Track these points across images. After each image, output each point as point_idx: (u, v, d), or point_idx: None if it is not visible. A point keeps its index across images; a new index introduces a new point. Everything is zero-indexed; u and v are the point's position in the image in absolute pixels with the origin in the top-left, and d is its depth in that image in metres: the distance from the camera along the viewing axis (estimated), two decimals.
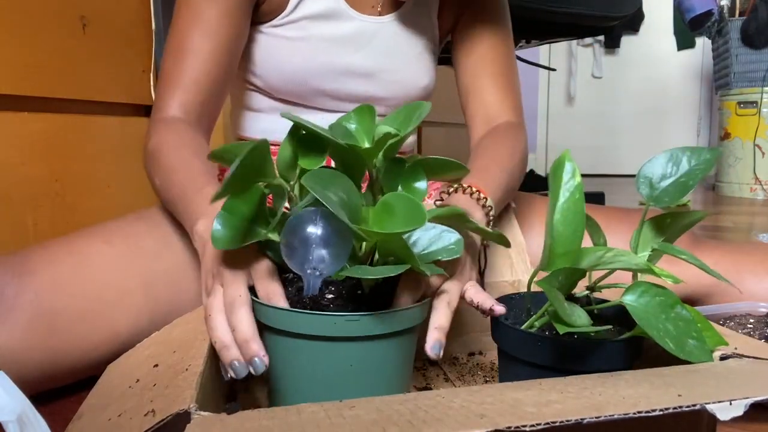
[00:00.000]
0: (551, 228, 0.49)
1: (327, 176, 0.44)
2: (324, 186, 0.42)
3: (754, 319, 0.71)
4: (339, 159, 0.50)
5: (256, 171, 0.46)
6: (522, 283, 0.71)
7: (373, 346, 0.46)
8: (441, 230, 0.51)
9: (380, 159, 0.50)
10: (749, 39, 2.78)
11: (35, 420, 0.33)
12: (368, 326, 0.45)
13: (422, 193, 0.50)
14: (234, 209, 0.48)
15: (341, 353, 0.46)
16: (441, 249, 0.50)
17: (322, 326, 0.45)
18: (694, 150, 0.52)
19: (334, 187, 0.43)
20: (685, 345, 0.44)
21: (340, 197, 0.43)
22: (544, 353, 0.47)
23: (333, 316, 0.45)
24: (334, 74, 0.83)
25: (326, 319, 0.45)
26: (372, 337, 0.46)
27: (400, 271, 0.44)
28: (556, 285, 0.46)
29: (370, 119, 0.51)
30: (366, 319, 0.45)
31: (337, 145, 0.47)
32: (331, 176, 0.45)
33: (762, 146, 2.77)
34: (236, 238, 0.48)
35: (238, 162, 0.42)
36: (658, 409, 0.33)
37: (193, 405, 0.38)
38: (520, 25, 1.59)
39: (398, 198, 0.45)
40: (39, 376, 0.60)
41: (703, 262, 0.48)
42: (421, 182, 0.51)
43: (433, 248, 0.50)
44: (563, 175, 0.50)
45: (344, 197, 0.43)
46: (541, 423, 0.31)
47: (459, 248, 0.50)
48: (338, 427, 0.33)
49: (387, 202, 0.45)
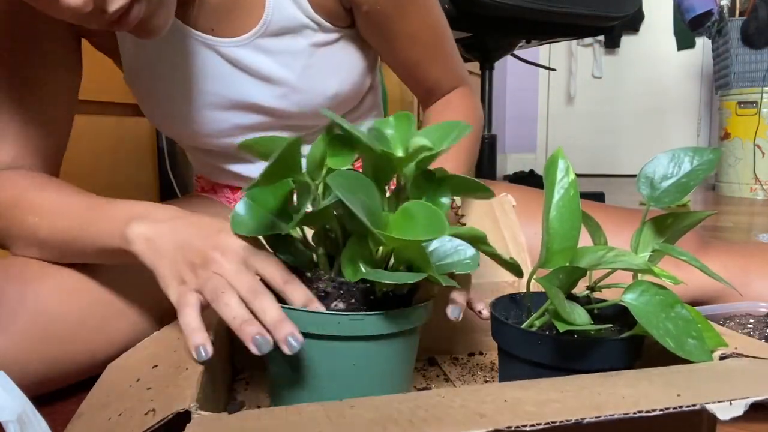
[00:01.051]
0: (547, 225, 0.49)
1: (352, 178, 0.44)
2: (348, 187, 0.42)
3: (754, 319, 0.71)
4: (369, 163, 0.49)
5: (290, 166, 0.46)
6: (522, 283, 0.71)
7: (376, 346, 0.46)
8: (458, 244, 0.51)
9: (411, 168, 0.49)
10: (749, 39, 2.77)
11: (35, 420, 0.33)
12: (372, 326, 0.45)
13: (446, 208, 0.50)
14: (260, 199, 0.48)
15: (344, 352, 0.46)
16: (456, 262, 0.50)
17: (326, 325, 0.45)
18: (697, 150, 0.52)
19: (358, 189, 0.43)
20: (685, 344, 0.44)
21: (362, 200, 0.42)
22: (544, 352, 0.47)
23: (337, 315, 0.45)
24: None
25: (330, 318, 0.45)
26: (375, 337, 0.46)
27: (419, 278, 0.44)
28: (557, 283, 0.46)
29: (408, 127, 0.50)
30: (370, 319, 0.45)
31: (371, 150, 0.46)
32: (356, 179, 0.44)
33: (762, 146, 2.77)
34: (259, 227, 0.48)
35: (278, 155, 0.42)
36: (658, 408, 0.33)
37: (193, 404, 0.38)
38: (520, 25, 1.60)
39: (420, 206, 0.44)
40: (36, 382, 0.59)
41: (703, 264, 0.48)
42: (446, 197, 0.50)
43: (449, 261, 0.50)
44: (557, 172, 0.50)
45: (366, 200, 0.43)
46: (542, 423, 0.31)
47: (474, 263, 0.50)
48: (339, 426, 0.33)
49: (408, 210, 0.44)
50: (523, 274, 0.55)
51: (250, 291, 0.46)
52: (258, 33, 0.71)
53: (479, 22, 1.54)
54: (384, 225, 0.44)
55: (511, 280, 0.72)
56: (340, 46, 0.75)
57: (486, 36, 1.70)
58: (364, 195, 0.43)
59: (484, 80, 1.86)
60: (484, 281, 0.70)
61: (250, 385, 0.61)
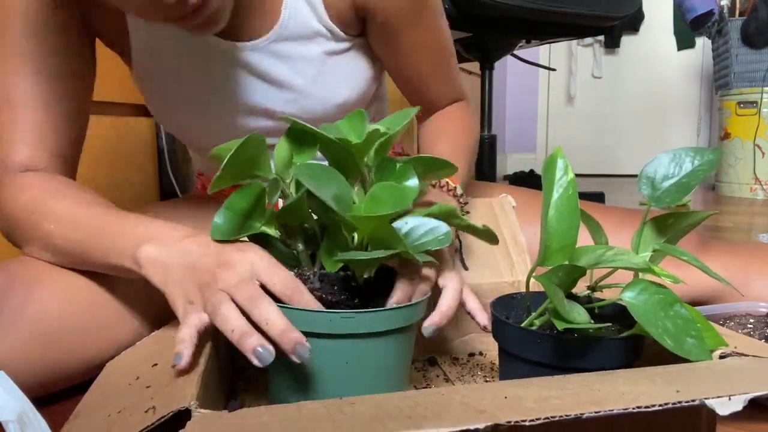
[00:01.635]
0: (546, 224, 0.49)
1: (318, 169, 0.46)
2: (315, 177, 0.45)
3: (754, 319, 0.71)
4: (332, 157, 0.51)
5: (250, 164, 0.48)
6: (522, 283, 0.71)
7: (368, 343, 0.47)
8: (432, 224, 0.52)
9: (371, 157, 0.51)
10: (749, 39, 2.77)
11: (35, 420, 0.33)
12: (363, 324, 0.45)
13: (414, 191, 0.51)
14: (234, 205, 0.50)
15: (337, 350, 0.46)
16: (431, 240, 0.51)
17: (317, 323, 0.45)
18: (698, 150, 0.52)
19: (325, 178, 0.46)
20: (684, 343, 0.44)
21: (330, 188, 0.45)
22: (544, 351, 0.47)
23: (328, 313, 0.45)
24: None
25: (321, 316, 0.45)
26: (367, 335, 0.46)
27: (390, 253, 0.45)
28: (556, 281, 0.46)
29: (361, 122, 0.52)
30: (361, 316, 0.45)
31: (329, 141, 0.49)
32: (321, 169, 0.47)
33: (762, 146, 2.77)
34: (233, 229, 0.50)
35: (232, 153, 0.44)
36: (658, 404, 0.33)
37: (193, 402, 0.38)
38: (520, 25, 1.60)
39: (385, 187, 0.47)
40: (38, 385, 0.59)
41: (704, 264, 0.48)
42: (412, 180, 0.52)
43: (423, 240, 0.51)
44: (556, 172, 0.51)
45: (336, 190, 0.45)
46: (541, 418, 0.32)
47: (448, 238, 0.50)
48: (338, 424, 0.33)
49: (374, 192, 0.47)
50: (498, 240, 0.58)
51: (249, 300, 0.45)
52: (273, 38, 0.71)
53: (479, 22, 1.54)
54: (354, 210, 0.47)
55: (511, 280, 0.72)
56: (350, 56, 0.76)
57: (486, 36, 1.70)
58: (331, 184, 0.46)
59: (484, 80, 1.86)
60: (484, 281, 0.71)
61: (250, 384, 0.61)
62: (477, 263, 0.72)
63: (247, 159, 0.47)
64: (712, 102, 3.83)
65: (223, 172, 0.45)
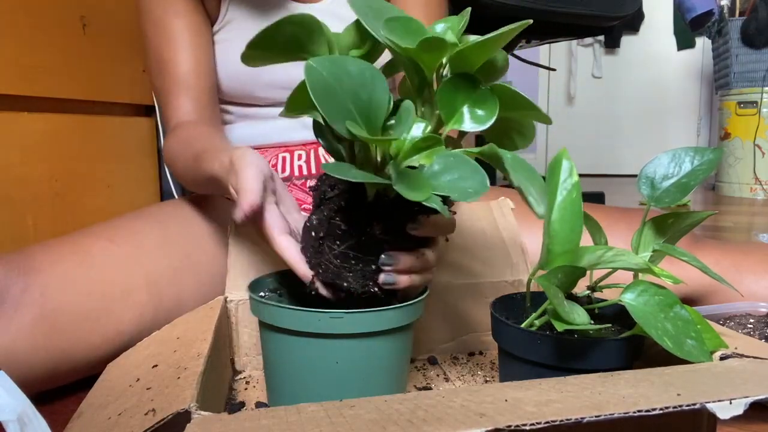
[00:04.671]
0: (549, 227, 0.49)
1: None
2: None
3: (754, 319, 0.71)
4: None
5: (297, 43, 0.46)
6: (522, 282, 0.71)
7: (357, 344, 0.46)
8: (469, 169, 0.42)
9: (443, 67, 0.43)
10: (749, 39, 2.77)
11: (36, 419, 0.33)
12: (352, 324, 0.45)
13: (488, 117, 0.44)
14: None
15: (327, 350, 0.46)
16: (457, 188, 0.41)
17: (305, 322, 0.45)
18: (697, 150, 0.52)
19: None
20: (684, 344, 0.44)
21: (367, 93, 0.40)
22: (544, 351, 0.47)
23: (317, 312, 0.45)
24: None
25: (310, 315, 0.45)
26: (357, 335, 0.46)
27: (403, 192, 0.39)
28: (556, 282, 0.46)
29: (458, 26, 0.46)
30: (350, 317, 0.45)
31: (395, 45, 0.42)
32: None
33: (762, 146, 2.77)
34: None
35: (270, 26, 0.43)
36: (658, 408, 0.33)
37: (193, 404, 0.38)
38: None
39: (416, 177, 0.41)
40: (43, 375, 0.60)
41: (704, 264, 0.48)
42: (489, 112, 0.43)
43: (448, 184, 0.42)
44: (560, 173, 0.50)
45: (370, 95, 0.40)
46: (541, 422, 0.31)
47: (477, 192, 0.40)
48: (338, 426, 0.33)
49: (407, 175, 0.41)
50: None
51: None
52: (333, 1, 0.83)
53: (479, 22, 1.54)
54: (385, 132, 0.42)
55: (511, 280, 0.72)
56: None
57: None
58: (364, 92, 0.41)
59: None
60: (484, 281, 0.70)
61: (249, 385, 0.61)
62: (477, 262, 0.72)
63: (292, 39, 0.44)
64: (712, 102, 3.83)
65: (254, 42, 0.44)
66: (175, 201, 0.93)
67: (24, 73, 0.91)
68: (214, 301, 0.62)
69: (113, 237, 0.69)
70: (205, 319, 0.57)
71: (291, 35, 0.45)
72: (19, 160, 0.91)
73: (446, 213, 0.39)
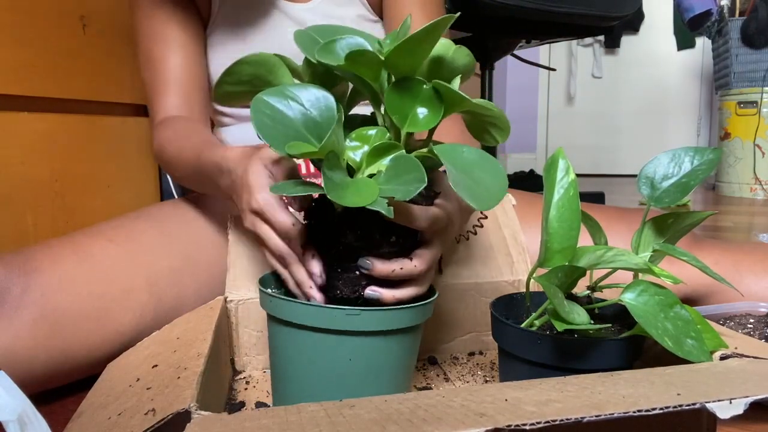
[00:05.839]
0: (547, 225, 0.49)
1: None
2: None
3: (754, 319, 0.71)
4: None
5: (260, 80, 0.48)
6: (522, 282, 0.71)
7: (372, 341, 0.46)
8: (412, 170, 0.42)
9: (384, 76, 0.45)
10: (749, 39, 2.77)
11: (35, 419, 0.33)
12: (368, 321, 0.45)
13: (432, 120, 0.45)
14: None
15: (340, 346, 0.46)
16: (399, 188, 0.41)
17: (321, 318, 0.45)
18: (697, 150, 0.52)
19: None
20: (684, 344, 0.44)
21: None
22: (543, 351, 0.47)
23: (333, 309, 0.45)
24: None
25: (326, 311, 0.45)
26: (371, 333, 0.46)
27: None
28: (555, 282, 0.46)
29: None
30: (367, 314, 0.45)
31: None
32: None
33: (762, 146, 2.77)
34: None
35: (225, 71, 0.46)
36: (658, 407, 0.33)
37: (193, 404, 0.38)
38: (520, 25, 1.59)
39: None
40: (43, 375, 0.60)
41: (704, 264, 0.48)
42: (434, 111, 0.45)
43: (393, 184, 0.42)
44: (557, 172, 0.50)
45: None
46: (541, 421, 0.31)
47: (417, 189, 0.40)
48: (338, 426, 0.33)
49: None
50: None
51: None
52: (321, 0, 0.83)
53: (479, 22, 1.54)
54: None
55: (511, 279, 0.72)
56: (378, 27, 0.87)
57: (486, 36, 1.70)
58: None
59: (484, 80, 1.86)
60: (484, 281, 0.70)
61: (249, 385, 0.61)
62: (477, 262, 0.72)
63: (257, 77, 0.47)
64: (712, 102, 3.83)
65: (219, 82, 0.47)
66: (175, 201, 0.93)
67: (24, 73, 0.91)
68: (214, 301, 0.62)
69: (113, 237, 0.69)
70: (205, 319, 0.57)
71: (251, 75, 0.48)
72: (19, 160, 0.91)
73: (390, 214, 0.40)
